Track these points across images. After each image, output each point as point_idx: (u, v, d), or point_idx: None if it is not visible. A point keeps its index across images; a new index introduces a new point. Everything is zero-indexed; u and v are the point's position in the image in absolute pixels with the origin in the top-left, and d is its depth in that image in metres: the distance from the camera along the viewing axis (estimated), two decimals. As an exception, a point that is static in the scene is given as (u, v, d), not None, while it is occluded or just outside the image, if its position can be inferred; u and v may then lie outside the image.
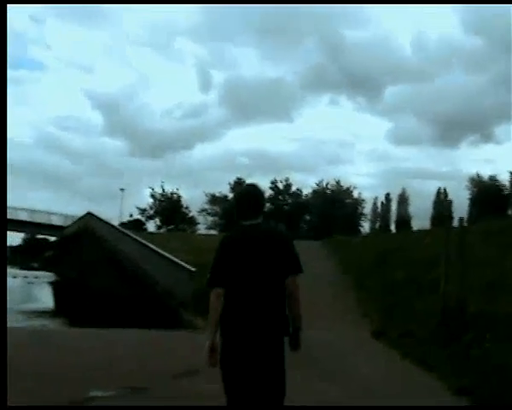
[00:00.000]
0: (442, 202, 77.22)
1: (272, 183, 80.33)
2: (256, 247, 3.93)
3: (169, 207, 75.27)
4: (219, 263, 3.93)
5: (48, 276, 51.18)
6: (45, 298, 37.63)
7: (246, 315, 3.80)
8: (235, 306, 3.83)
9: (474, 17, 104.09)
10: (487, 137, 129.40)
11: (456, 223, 12.15)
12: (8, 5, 6.31)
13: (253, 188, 4.29)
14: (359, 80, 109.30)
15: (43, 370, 7.95)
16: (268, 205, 78.82)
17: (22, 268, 73.15)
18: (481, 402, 6.62)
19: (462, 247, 10.79)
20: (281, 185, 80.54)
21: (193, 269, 17.48)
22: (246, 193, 4.30)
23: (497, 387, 6.77)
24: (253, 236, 3.99)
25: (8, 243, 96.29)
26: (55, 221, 58.35)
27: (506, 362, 7.33)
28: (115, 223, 46.80)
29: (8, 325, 7.37)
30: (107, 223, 38.19)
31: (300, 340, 4.03)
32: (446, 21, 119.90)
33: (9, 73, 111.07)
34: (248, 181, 78.19)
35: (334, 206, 74.08)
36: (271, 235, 4.06)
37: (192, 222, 78.38)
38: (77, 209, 67.86)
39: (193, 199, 79.95)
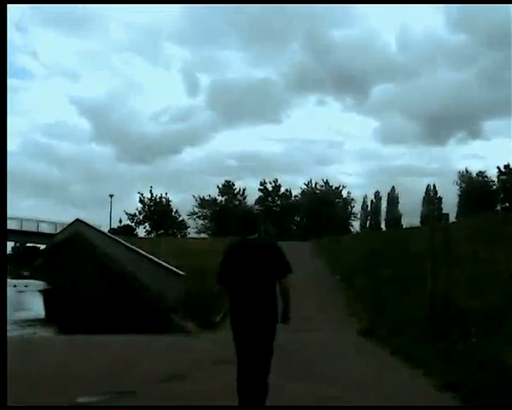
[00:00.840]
0: (431, 199, 77.71)
1: (261, 184, 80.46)
2: (252, 255, 5.43)
3: (158, 212, 75.12)
4: (222, 267, 5.57)
5: (38, 284, 50.93)
6: (36, 306, 37.45)
7: (244, 301, 5.42)
8: (237, 294, 5.47)
9: (458, 13, 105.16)
10: (475, 133, 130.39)
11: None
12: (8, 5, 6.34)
13: (250, 211, 6.23)
14: (346, 80, 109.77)
15: (30, 378, 7.93)
16: (257, 207, 79.15)
17: (12, 277, 72.77)
18: (466, 398, 6.66)
19: (447, 243, 10.85)
20: (270, 187, 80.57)
21: (182, 273, 17.46)
22: (244, 215, 5.85)
23: (482, 382, 6.82)
24: (251, 246, 5.48)
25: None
26: (45, 229, 57.95)
27: (490, 357, 7.40)
28: (105, 229, 46.70)
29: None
30: (96, 229, 38.11)
31: (289, 317, 5.57)
32: (431, 18, 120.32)
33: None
34: (237, 184, 78.52)
35: (324, 206, 74.17)
36: (265, 246, 5.57)
37: (182, 226, 78.25)
38: (66, 216, 67.48)
39: (182, 203, 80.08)
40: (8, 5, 6.21)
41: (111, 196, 61.77)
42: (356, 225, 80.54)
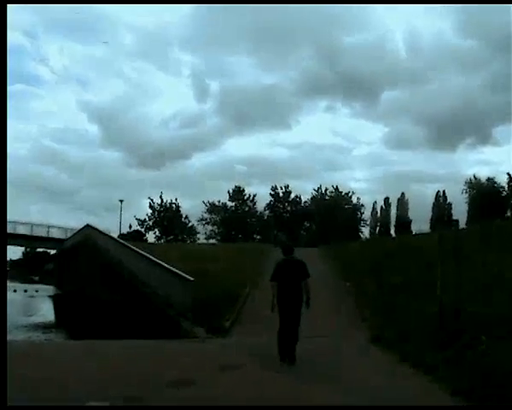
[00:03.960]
0: (441, 205, 77.37)
1: (272, 189, 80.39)
2: (290, 267, 9.91)
3: (168, 218, 75.18)
4: (275, 272, 9.90)
5: (48, 289, 51.17)
6: (46, 311, 37.64)
7: (285, 293, 9.65)
8: (281, 289, 9.70)
9: (469, 18, 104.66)
10: (485, 139, 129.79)
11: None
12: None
13: (290, 244, 10.68)
14: (355, 85, 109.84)
15: (40, 382, 7.99)
16: (267, 213, 79.13)
17: (23, 282, 73.16)
18: (477, 404, 6.65)
19: (456, 249, 10.82)
20: (280, 192, 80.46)
21: (191, 279, 17.46)
22: (287, 246, 10.43)
23: (492, 389, 6.80)
24: (289, 262, 10.03)
25: (8, 257, 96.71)
26: (55, 234, 58.19)
27: (500, 364, 7.36)
28: (114, 235, 46.83)
29: (8, 338, 7.41)
30: (106, 235, 38.19)
31: (309, 303, 9.80)
32: (440, 24, 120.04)
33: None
34: (247, 189, 78.34)
35: (334, 212, 73.96)
36: (297, 262, 10.05)
37: (192, 232, 78.27)
38: (76, 222, 67.95)
39: (192, 209, 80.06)
40: (10, 6, 6.25)
41: (121, 201, 62.02)
42: (365, 232, 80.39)
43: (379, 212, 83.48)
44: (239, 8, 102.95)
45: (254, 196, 79.98)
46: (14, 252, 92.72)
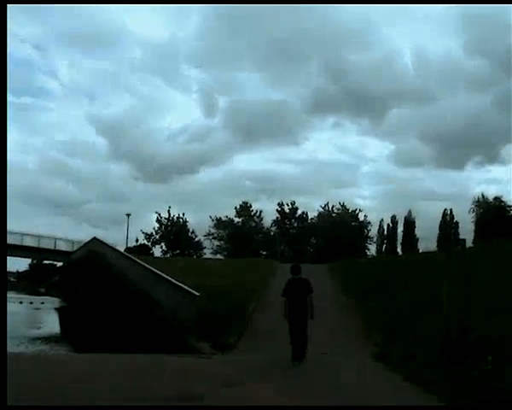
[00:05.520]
0: (448, 224, 77.07)
1: (279, 205, 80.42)
2: (297, 285, 12.06)
3: (175, 232, 75.22)
4: (286, 289, 12.08)
5: (54, 301, 51.15)
6: (51, 324, 37.63)
7: (294, 306, 11.76)
8: (291, 303, 11.82)
9: (477, 37, 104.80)
10: (493, 158, 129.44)
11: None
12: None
13: (298, 264, 12.82)
14: (362, 103, 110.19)
15: (43, 395, 7.97)
16: (274, 229, 79.05)
17: (29, 293, 73.18)
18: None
19: (463, 269, 10.79)
20: (287, 209, 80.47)
21: (197, 294, 17.45)
22: (296, 266, 12.53)
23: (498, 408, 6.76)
24: (297, 280, 12.20)
25: (15, 269, 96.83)
26: (62, 247, 58.23)
27: (507, 385, 7.31)
28: (121, 248, 46.89)
29: (11, 350, 7.41)
30: (112, 248, 38.24)
31: (313, 315, 11.74)
32: (449, 42, 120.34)
33: (14, 100, 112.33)
34: (254, 205, 78.45)
35: (340, 229, 73.79)
36: (304, 282, 12.11)
37: (198, 247, 78.27)
38: (83, 234, 68.02)
39: (199, 223, 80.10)
40: (19, 19, 6.32)
41: (128, 215, 62.10)
42: (372, 249, 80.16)
43: (385, 229, 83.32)
44: (248, 24, 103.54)
45: (261, 211, 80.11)
46: (21, 264, 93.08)
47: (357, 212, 79.23)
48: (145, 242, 75.42)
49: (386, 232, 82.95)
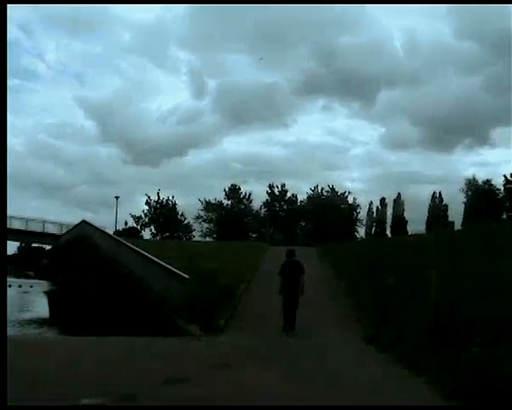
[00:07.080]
0: (437, 206, 77.49)
1: (270, 187, 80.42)
2: (292, 266, 14.47)
3: (164, 215, 75.12)
4: (282, 270, 14.48)
5: (43, 284, 51.03)
6: (40, 307, 37.56)
7: (288, 284, 14.09)
8: (285, 282, 14.17)
9: (467, 20, 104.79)
10: (482, 141, 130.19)
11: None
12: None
13: (293, 249, 15.48)
14: (352, 85, 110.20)
15: (33, 379, 7.92)
16: (263, 211, 79.15)
17: (18, 277, 72.96)
18: (470, 406, 6.64)
19: (452, 251, 10.80)
20: (276, 191, 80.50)
21: (186, 276, 17.44)
22: (290, 250, 15.18)
23: (485, 392, 6.78)
24: (292, 262, 14.63)
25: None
26: (50, 230, 57.95)
27: (494, 367, 7.34)
28: (110, 231, 46.79)
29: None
30: (101, 231, 38.20)
31: (303, 292, 14.20)
32: (439, 24, 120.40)
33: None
34: (243, 188, 78.44)
35: (330, 211, 73.97)
36: (297, 263, 14.61)
37: (187, 229, 78.22)
38: (72, 217, 67.82)
39: (188, 206, 80.00)
40: (8, 5, 6.22)
41: (117, 197, 61.91)
42: (361, 232, 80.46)
43: (375, 212, 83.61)
44: (237, 7, 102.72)
45: (250, 194, 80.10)
46: (9, 247, 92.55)
47: (346, 195, 79.49)
48: (134, 225, 75.35)
49: (375, 215, 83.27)
